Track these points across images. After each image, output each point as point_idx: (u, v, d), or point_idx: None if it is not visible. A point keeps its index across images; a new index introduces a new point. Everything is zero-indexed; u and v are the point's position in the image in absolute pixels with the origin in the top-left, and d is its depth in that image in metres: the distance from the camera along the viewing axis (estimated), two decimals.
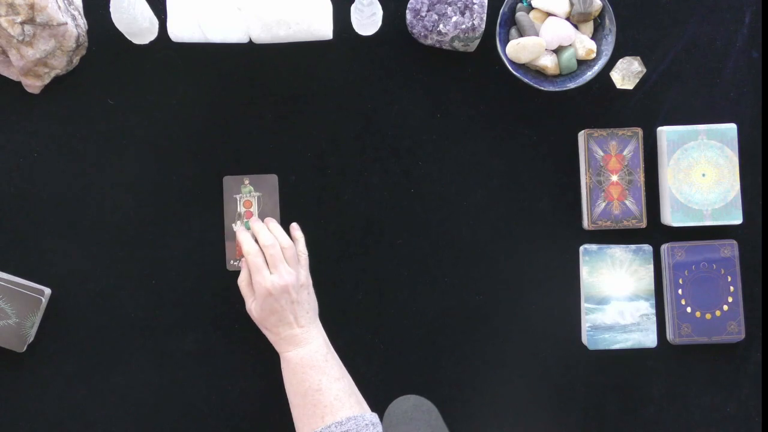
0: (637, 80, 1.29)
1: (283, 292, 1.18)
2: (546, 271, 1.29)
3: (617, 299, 1.26)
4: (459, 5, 1.24)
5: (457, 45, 1.27)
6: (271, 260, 1.19)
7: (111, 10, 1.21)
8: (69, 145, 1.29)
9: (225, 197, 1.29)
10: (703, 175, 1.26)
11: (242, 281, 1.22)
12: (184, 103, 1.29)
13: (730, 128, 1.27)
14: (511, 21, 1.27)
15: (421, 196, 1.30)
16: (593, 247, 1.27)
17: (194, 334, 1.28)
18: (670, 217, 1.26)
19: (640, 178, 1.27)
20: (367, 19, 1.26)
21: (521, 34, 1.26)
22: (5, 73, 1.27)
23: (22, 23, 1.20)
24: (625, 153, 1.27)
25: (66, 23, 1.22)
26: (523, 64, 1.27)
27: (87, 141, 1.29)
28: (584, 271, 1.27)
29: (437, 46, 1.28)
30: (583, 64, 1.27)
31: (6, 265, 1.27)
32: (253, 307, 1.20)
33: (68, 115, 1.29)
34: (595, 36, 1.27)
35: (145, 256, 1.28)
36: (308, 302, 1.20)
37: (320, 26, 1.22)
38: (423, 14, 1.25)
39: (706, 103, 1.30)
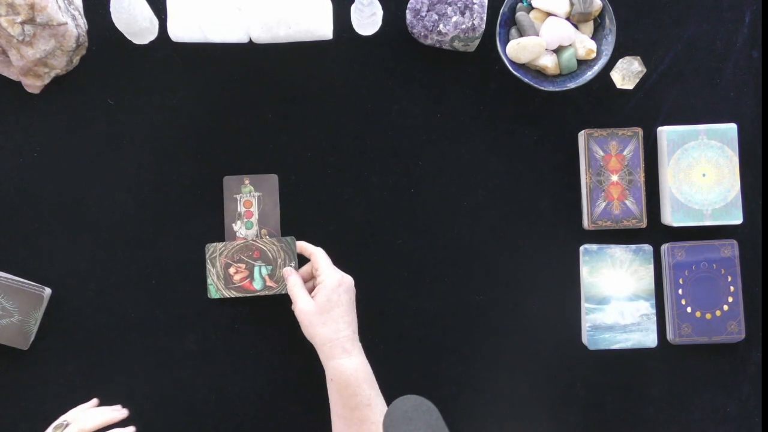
0: (637, 80, 1.29)
1: (349, 288, 1.20)
2: (546, 271, 1.29)
3: (617, 299, 1.26)
4: (459, 5, 1.24)
5: (457, 45, 1.27)
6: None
7: (111, 10, 1.21)
8: (69, 145, 1.29)
9: (225, 197, 1.29)
10: (703, 175, 1.26)
11: (295, 284, 1.21)
12: (184, 103, 1.29)
13: (730, 128, 1.26)
14: (511, 21, 1.27)
15: (421, 196, 1.30)
16: (593, 247, 1.27)
17: (194, 334, 1.28)
18: (671, 217, 1.26)
19: (640, 178, 1.27)
20: (367, 19, 1.26)
21: (521, 34, 1.26)
22: (5, 73, 1.27)
23: (22, 23, 1.20)
24: (625, 153, 1.27)
25: (66, 23, 1.22)
26: (523, 64, 1.27)
27: (87, 141, 1.29)
28: (584, 271, 1.27)
29: (437, 46, 1.28)
30: (583, 64, 1.27)
31: (6, 265, 1.27)
32: (311, 302, 1.18)
33: (68, 115, 1.29)
34: (595, 36, 1.27)
35: (145, 256, 1.28)
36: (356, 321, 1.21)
37: (320, 26, 1.22)
38: (423, 14, 1.25)
39: (706, 103, 1.30)
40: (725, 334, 1.26)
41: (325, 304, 1.17)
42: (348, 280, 1.20)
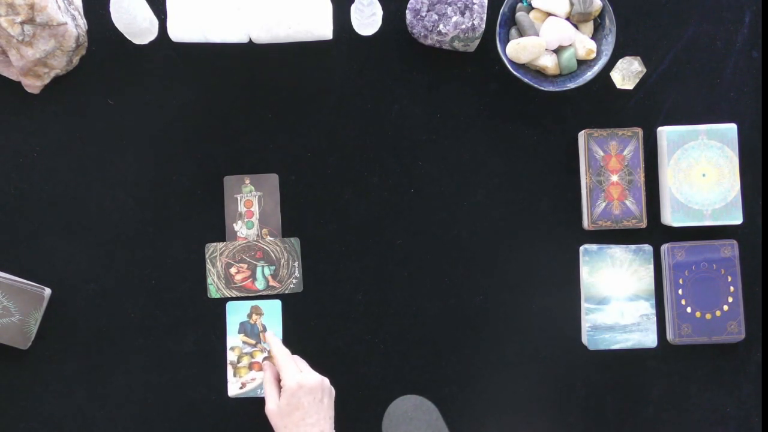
0: (637, 80, 1.29)
1: (311, 390, 1.16)
2: (546, 271, 1.29)
3: (617, 299, 1.26)
4: (459, 5, 1.24)
5: (457, 45, 1.27)
6: (299, 364, 1.20)
7: (111, 10, 1.21)
8: (69, 145, 1.29)
9: (226, 197, 1.29)
10: (703, 175, 1.26)
11: (267, 381, 1.20)
12: (184, 103, 1.29)
13: (730, 128, 1.27)
14: (511, 21, 1.27)
15: (421, 196, 1.30)
16: (593, 247, 1.27)
17: (194, 334, 1.28)
18: (670, 217, 1.26)
19: (640, 178, 1.27)
20: (367, 19, 1.26)
21: (521, 34, 1.26)
22: (5, 73, 1.27)
23: (22, 23, 1.20)
24: (625, 153, 1.27)
25: (66, 23, 1.22)
26: (523, 64, 1.27)
27: (87, 141, 1.29)
28: (584, 271, 1.27)
29: (437, 46, 1.28)
30: (583, 64, 1.27)
31: (6, 265, 1.27)
32: (276, 404, 1.17)
33: (68, 115, 1.29)
34: (595, 36, 1.27)
35: (145, 256, 1.28)
36: (330, 408, 1.19)
37: (320, 26, 1.22)
38: (423, 14, 1.25)
39: (706, 103, 1.30)
40: (725, 334, 1.26)
41: (285, 407, 1.16)
42: (310, 383, 1.17)
